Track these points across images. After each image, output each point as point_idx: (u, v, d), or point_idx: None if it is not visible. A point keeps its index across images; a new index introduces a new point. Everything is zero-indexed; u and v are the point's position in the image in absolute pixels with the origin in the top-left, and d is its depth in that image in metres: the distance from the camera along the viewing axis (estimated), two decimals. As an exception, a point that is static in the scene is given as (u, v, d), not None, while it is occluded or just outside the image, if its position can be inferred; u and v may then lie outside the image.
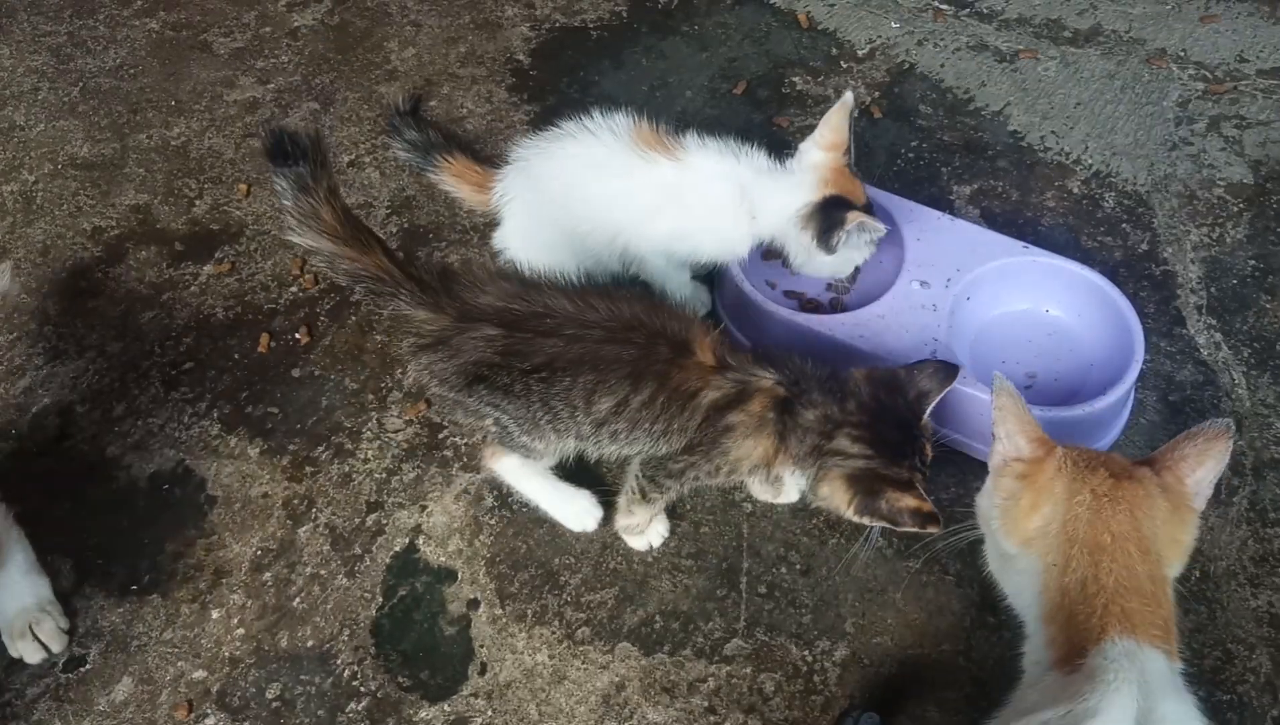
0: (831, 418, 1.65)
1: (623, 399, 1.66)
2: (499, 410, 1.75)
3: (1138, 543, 1.36)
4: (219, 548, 1.99)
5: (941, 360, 1.73)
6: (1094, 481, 1.41)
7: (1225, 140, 2.57)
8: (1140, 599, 1.33)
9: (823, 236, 1.99)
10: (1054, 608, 1.39)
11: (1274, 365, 2.16)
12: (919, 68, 2.78)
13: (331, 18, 2.94)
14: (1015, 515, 1.46)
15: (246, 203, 2.51)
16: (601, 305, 1.69)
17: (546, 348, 1.65)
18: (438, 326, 1.69)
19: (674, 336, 1.68)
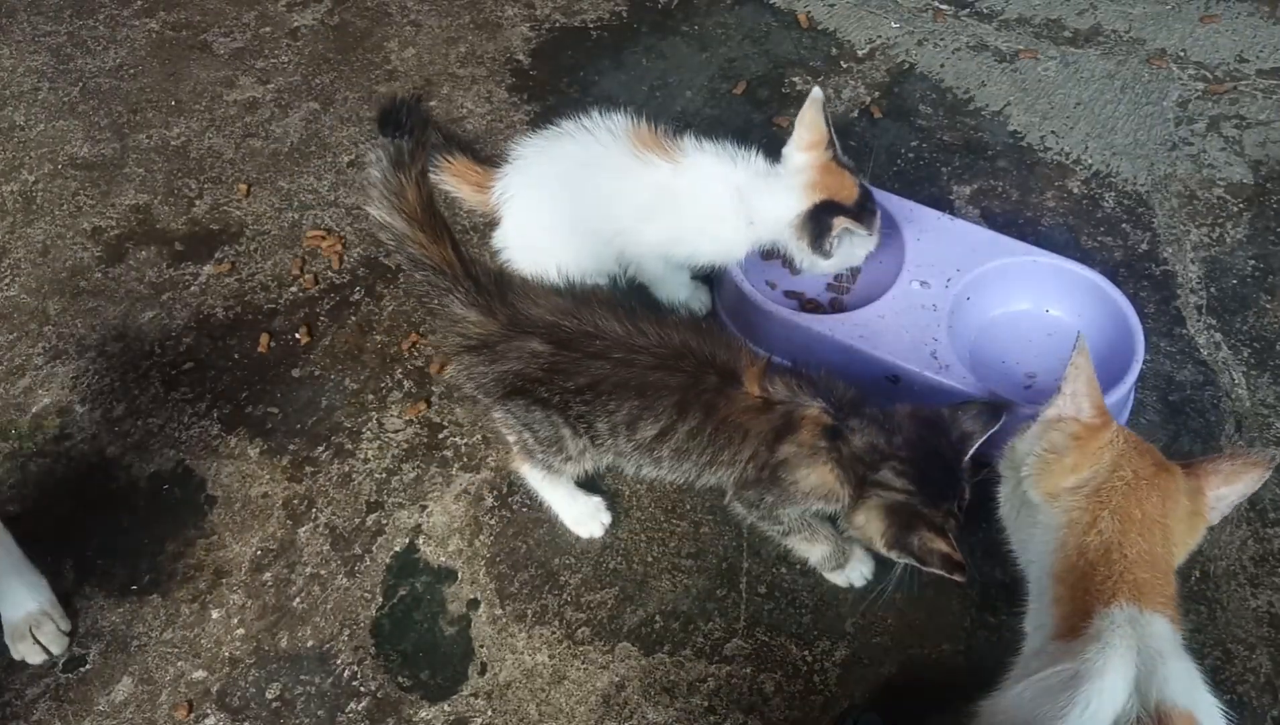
0: (878, 448, 1.63)
1: (668, 427, 1.65)
2: (529, 428, 1.74)
3: (1162, 528, 1.40)
4: (219, 548, 1.99)
5: (987, 401, 1.71)
6: (1139, 463, 1.44)
7: (1225, 140, 2.57)
8: (1154, 574, 1.36)
9: (815, 243, 1.99)
10: (1067, 566, 1.40)
11: (1274, 365, 2.16)
12: (919, 68, 2.78)
13: (331, 18, 2.94)
14: (1052, 469, 1.47)
15: (246, 203, 2.51)
16: (651, 330, 1.67)
17: (593, 369, 1.64)
18: (485, 330, 1.68)
19: (722, 366, 1.66)
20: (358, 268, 2.38)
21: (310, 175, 2.56)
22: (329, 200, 2.50)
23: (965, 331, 2.10)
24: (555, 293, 1.72)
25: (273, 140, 2.64)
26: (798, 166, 2.02)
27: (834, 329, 2.04)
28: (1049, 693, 1.27)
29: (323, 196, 2.51)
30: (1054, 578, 1.42)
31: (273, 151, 2.61)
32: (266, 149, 2.62)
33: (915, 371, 1.96)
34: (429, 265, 1.65)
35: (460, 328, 1.70)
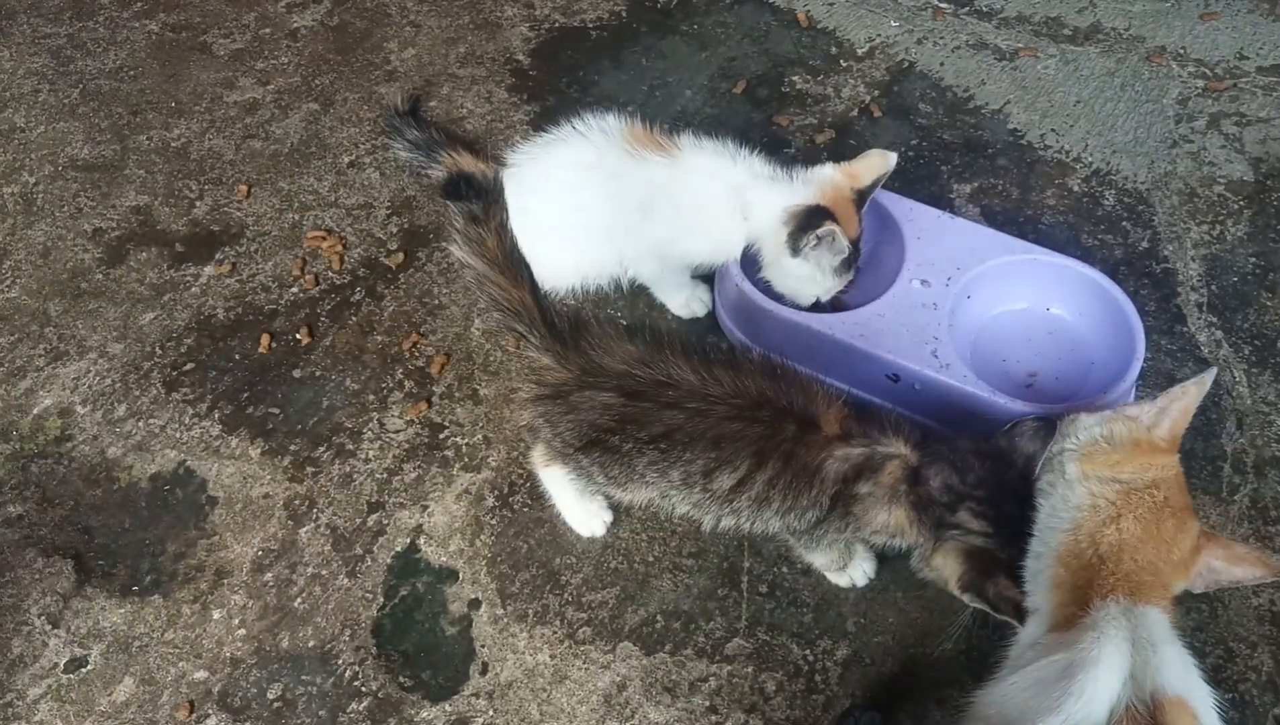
0: (954, 488, 1.60)
1: (745, 478, 1.63)
2: (608, 477, 1.73)
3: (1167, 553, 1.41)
4: (220, 548, 1.99)
5: (1038, 417, 1.67)
6: (1175, 493, 1.46)
7: (1225, 137, 2.57)
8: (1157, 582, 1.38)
9: (793, 235, 1.99)
10: (1074, 551, 1.41)
11: (1274, 363, 2.16)
12: (919, 66, 2.78)
13: (331, 19, 2.94)
14: (1098, 455, 1.49)
15: (247, 204, 2.51)
16: (726, 378, 1.65)
17: (666, 419, 1.63)
18: (559, 378, 1.67)
19: (800, 412, 1.63)
20: (358, 268, 2.38)
21: (310, 176, 2.56)
22: (329, 201, 2.50)
23: (966, 330, 2.10)
24: (629, 339, 1.70)
25: (273, 141, 2.64)
26: (823, 177, 2.03)
27: (834, 328, 2.03)
28: (1044, 684, 1.28)
29: (323, 197, 2.51)
30: (1058, 560, 1.43)
31: (273, 152, 2.62)
32: (267, 150, 2.62)
33: (916, 370, 1.95)
34: (507, 307, 1.64)
35: (535, 375, 1.70)
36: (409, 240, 2.42)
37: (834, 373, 2.05)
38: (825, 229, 1.95)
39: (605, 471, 1.71)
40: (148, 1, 3.01)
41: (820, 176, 2.02)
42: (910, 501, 1.62)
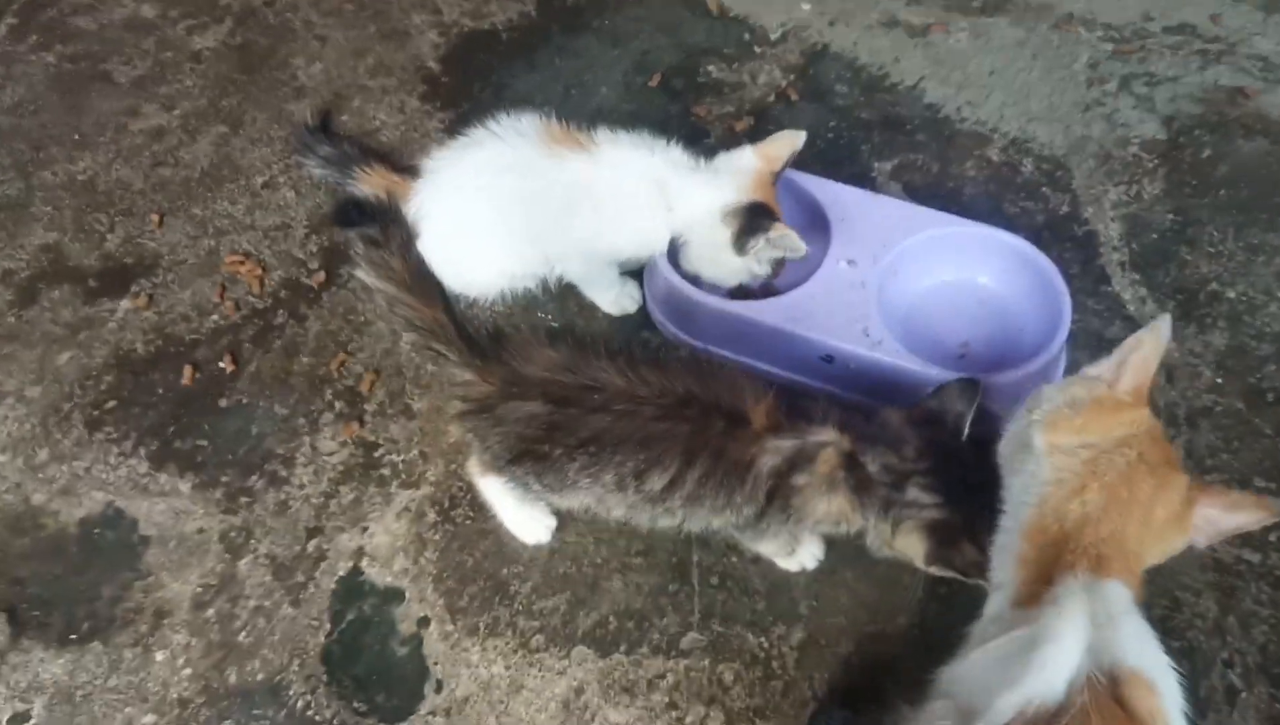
0: (894, 468, 1.61)
1: (676, 477, 1.62)
2: (543, 484, 1.71)
3: (1144, 514, 1.38)
4: (157, 588, 1.93)
5: (961, 378, 1.70)
6: (1148, 448, 1.41)
7: (1136, 98, 2.61)
8: (1120, 553, 1.35)
9: (740, 238, 1.99)
10: (1039, 526, 1.39)
11: (1199, 315, 2.19)
12: (832, 48, 2.78)
13: (233, 38, 2.88)
14: (1062, 422, 1.45)
15: (160, 233, 2.44)
16: (654, 378, 1.63)
17: (594, 423, 1.61)
18: (482, 393, 1.65)
19: (728, 408, 1.62)
20: (279, 291, 2.33)
21: (224, 200, 2.50)
22: (245, 224, 2.45)
23: (896, 306, 2.10)
24: (550, 346, 1.68)
25: (183, 167, 2.58)
26: (743, 165, 2.03)
27: (765, 313, 2.03)
28: (1007, 659, 1.28)
29: (238, 221, 2.46)
30: (1024, 536, 1.41)
31: (184, 179, 2.55)
32: (177, 176, 2.56)
33: (849, 349, 1.96)
34: (422, 327, 1.61)
35: (458, 391, 1.68)
36: (330, 258, 2.37)
37: (768, 358, 2.06)
38: (776, 233, 1.97)
39: (540, 480, 1.69)
40: (43, 34, 2.91)
41: (741, 164, 2.02)
42: (850, 487, 1.62)
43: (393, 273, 1.56)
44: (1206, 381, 2.09)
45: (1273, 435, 2.01)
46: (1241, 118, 2.55)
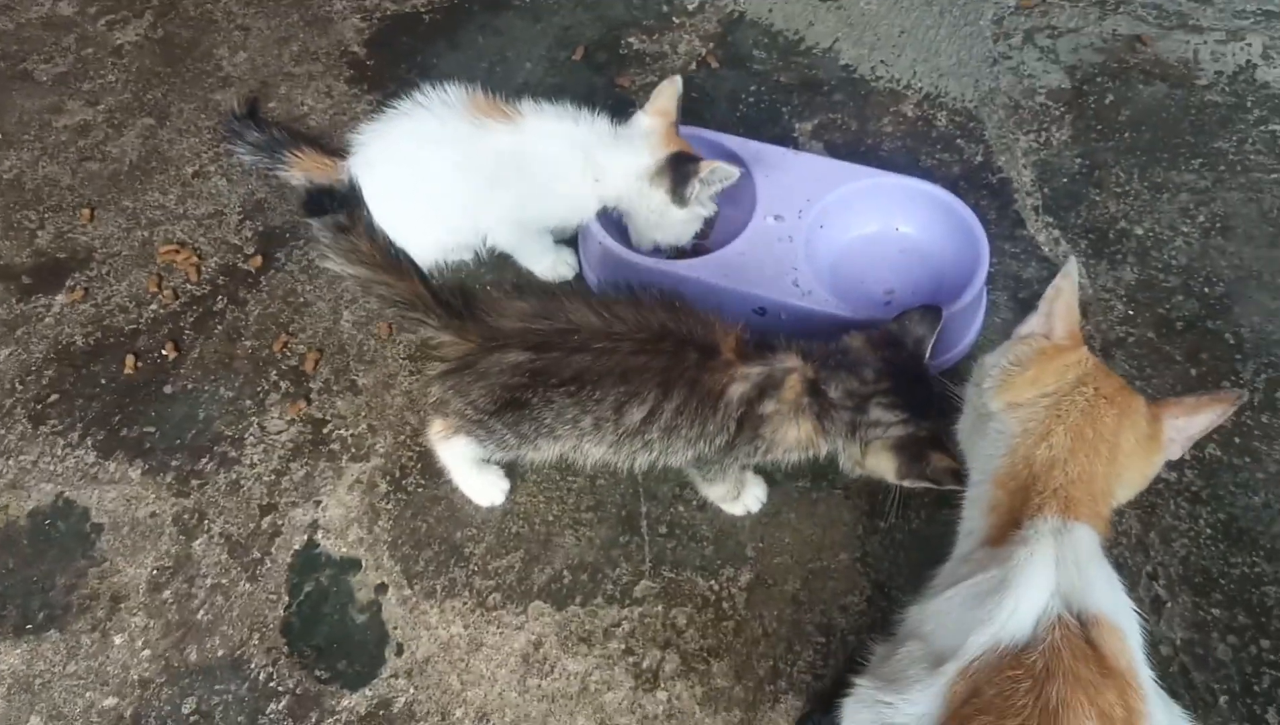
0: (855, 391, 1.69)
1: (654, 408, 1.68)
2: (519, 435, 1.75)
3: (1110, 448, 1.43)
4: (112, 574, 1.95)
5: (924, 305, 1.78)
6: (1102, 382, 1.47)
7: (1040, 50, 2.71)
8: (1089, 494, 1.40)
9: (677, 190, 2.04)
10: (1010, 473, 1.44)
11: (1109, 252, 2.29)
12: (748, 15, 2.85)
13: (155, 31, 2.87)
14: (1014, 381, 1.50)
15: (92, 227, 2.44)
16: (629, 315, 1.69)
17: (575, 363, 1.66)
18: (463, 350, 1.69)
19: (700, 341, 1.69)
20: (217, 277, 2.34)
21: (155, 191, 2.50)
22: (178, 213, 2.45)
23: (823, 257, 2.18)
24: (519, 298, 1.73)
25: (110, 161, 2.57)
26: (646, 128, 2.09)
27: (698, 271, 2.09)
28: (977, 598, 1.33)
29: (171, 211, 2.46)
30: (996, 483, 1.46)
31: (112, 172, 2.55)
32: (105, 170, 2.55)
33: (780, 301, 2.02)
34: (400, 301, 1.65)
35: (439, 352, 1.71)
36: (265, 242, 2.39)
37: (703, 312, 2.11)
38: (706, 170, 2.03)
39: (517, 430, 1.74)
40: (-43, 36, 2.89)
41: (641, 128, 2.09)
42: (814, 413, 1.70)
43: (363, 255, 1.59)
44: (1119, 314, 2.19)
45: (1183, 361, 2.12)
46: (1140, 64, 2.66)
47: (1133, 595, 1.80)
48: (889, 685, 1.37)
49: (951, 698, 1.27)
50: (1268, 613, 1.82)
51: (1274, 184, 2.39)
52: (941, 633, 1.37)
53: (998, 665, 1.26)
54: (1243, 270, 2.25)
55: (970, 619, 1.31)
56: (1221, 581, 1.86)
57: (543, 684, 1.81)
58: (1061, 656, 1.23)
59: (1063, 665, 1.23)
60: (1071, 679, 1.22)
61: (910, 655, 1.38)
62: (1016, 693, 1.23)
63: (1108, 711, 1.21)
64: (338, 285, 2.30)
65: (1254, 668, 1.77)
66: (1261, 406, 2.05)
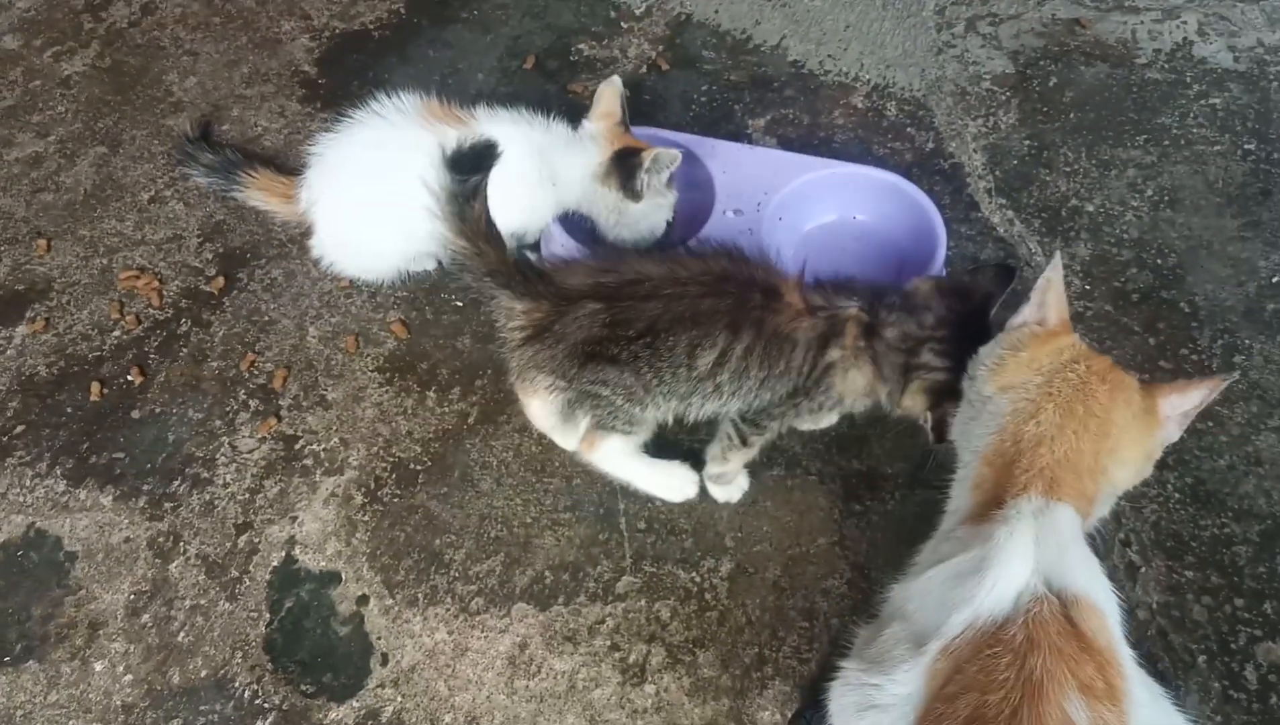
0: (912, 335, 1.70)
1: (725, 349, 1.69)
2: (608, 386, 1.75)
3: (1101, 423, 1.44)
4: (89, 601, 1.93)
5: (999, 263, 1.80)
6: (1094, 362, 1.49)
7: (983, 37, 2.77)
8: (1074, 473, 1.41)
9: (627, 185, 2.06)
10: (999, 450, 1.45)
11: (1063, 230, 2.34)
12: (695, 17, 2.88)
13: (102, 60, 2.85)
14: (1009, 365, 1.52)
15: (49, 257, 2.42)
16: (692, 263, 1.72)
17: (648, 311, 1.68)
18: (540, 314, 1.71)
19: (763, 283, 1.71)
20: (179, 300, 2.32)
21: (111, 218, 2.48)
22: (136, 239, 2.44)
23: (783, 249, 2.19)
24: (586, 259, 1.78)
25: (65, 191, 2.55)
26: (594, 131, 2.13)
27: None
28: (958, 577, 1.34)
29: (129, 237, 2.44)
30: (984, 461, 1.47)
31: (67, 202, 2.53)
32: (60, 201, 2.53)
33: (744, 292, 2.04)
34: (490, 271, 1.68)
35: (517, 321, 1.73)
36: (227, 263, 2.38)
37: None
38: (648, 159, 2.05)
39: (608, 386, 1.74)
40: (-101, 74, 2.85)
41: (589, 132, 2.13)
42: (870, 357, 1.71)
43: (471, 225, 1.63)
44: (1076, 289, 2.24)
45: (1141, 331, 2.17)
46: (1081, 46, 2.72)
47: (1107, 562, 1.86)
48: (874, 667, 1.37)
49: (934, 676, 1.29)
50: (1239, 572, 1.86)
51: (1218, 156, 2.46)
52: (924, 612, 1.38)
53: (979, 643, 1.27)
54: (1193, 240, 2.30)
55: (951, 598, 1.32)
56: (1193, 544, 1.89)
57: (530, 685, 1.81)
58: (1042, 631, 1.25)
59: (1043, 639, 1.24)
60: (1053, 652, 1.23)
61: (894, 636, 1.39)
62: (998, 667, 1.24)
63: (1089, 683, 1.23)
64: (302, 302, 2.30)
65: (1230, 626, 1.80)
66: (1220, 371, 2.09)
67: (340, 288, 2.32)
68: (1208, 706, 1.72)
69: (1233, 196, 2.38)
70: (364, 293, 2.31)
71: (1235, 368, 2.09)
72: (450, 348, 2.22)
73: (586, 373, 1.73)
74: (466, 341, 2.23)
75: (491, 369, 2.18)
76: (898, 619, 1.43)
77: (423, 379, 2.18)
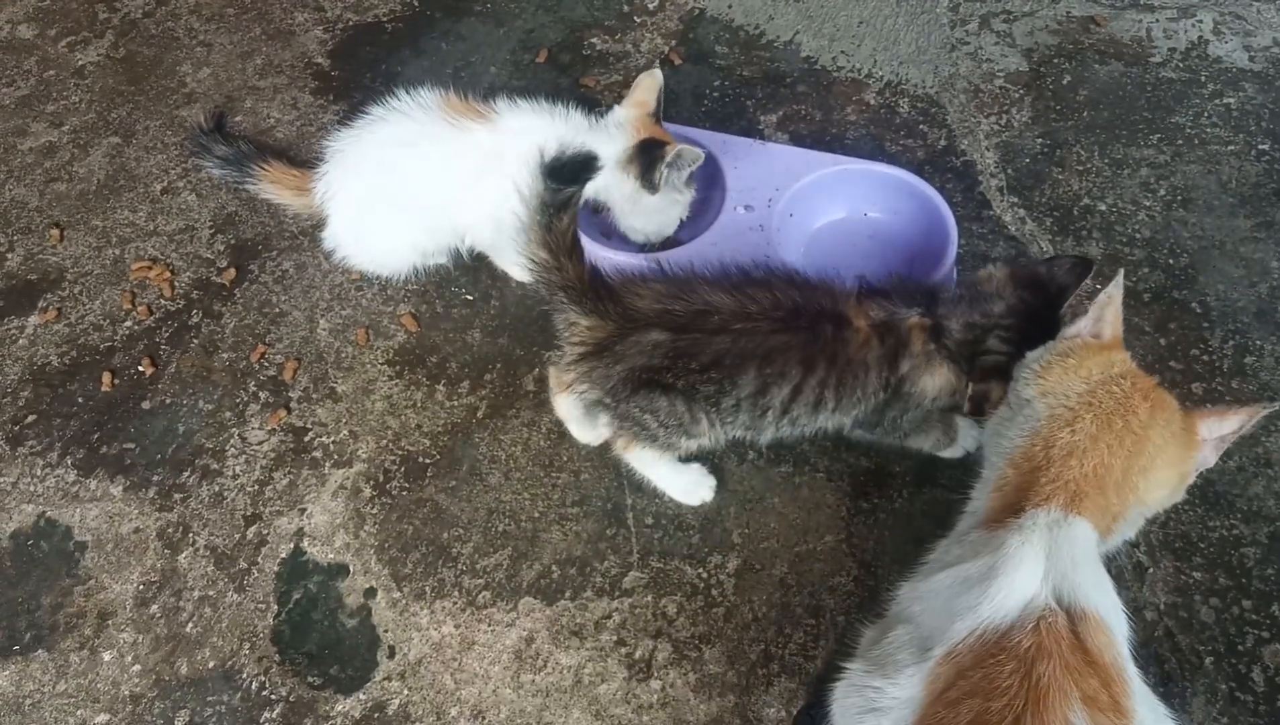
0: (977, 324, 1.69)
1: (798, 386, 1.69)
2: (656, 415, 1.74)
3: (1137, 441, 1.42)
4: (98, 591, 1.94)
5: (1077, 256, 1.78)
6: (1140, 380, 1.47)
7: (997, 35, 2.75)
8: (1099, 488, 1.39)
9: (645, 175, 2.06)
10: (1028, 454, 1.43)
11: (1074, 228, 2.33)
12: (709, 12, 2.87)
13: (116, 51, 2.86)
14: (1054, 370, 1.50)
15: (62, 247, 2.43)
16: (761, 296, 1.70)
17: (715, 346, 1.66)
18: (602, 333, 1.69)
19: (832, 312, 1.70)
20: (191, 291, 2.33)
21: (124, 209, 2.50)
22: (148, 230, 2.45)
23: (793, 245, 2.20)
24: (656, 281, 1.74)
25: (78, 181, 2.56)
26: (623, 118, 2.11)
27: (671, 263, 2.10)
28: (966, 584, 1.33)
29: (141, 228, 2.45)
30: (1011, 463, 1.45)
31: (80, 192, 2.54)
32: (73, 191, 2.54)
33: (754, 289, 2.04)
34: (567, 285, 1.68)
35: (578, 335, 1.72)
36: (238, 255, 2.39)
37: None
38: (671, 153, 2.04)
39: (654, 414, 1.74)
40: (-85, 63, 2.87)
41: (618, 119, 2.10)
42: (944, 357, 1.71)
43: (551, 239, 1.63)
44: (1087, 289, 2.22)
45: (1152, 331, 2.16)
46: (1095, 44, 2.71)
47: (1115, 565, 1.85)
48: (877, 669, 1.37)
49: (935, 681, 1.28)
50: (1248, 573, 1.85)
51: (1231, 155, 2.44)
52: (929, 616, 1.38)
53: (983, 650, 1.26)
54: (1205, 240, 2.29)
55: (958, 605, 1.32)
56: (1201, 545, 1.89)
57: (536, 679, 1.81)
58: (1047, 642, 1.24)
59: (1049, 650, 1.23)
60: (1058, 663, 1.22)
61: (899, 639, 1.39)
62: (1001, 674, 1.23)
63: (1093, 695, 1.22)
64: (313, 294, 2.31)
65: (1237, 628, 1.80)
66: (1231, 372, 2.08)
67: (351, 280, 2.33)
68: (1214, 708, 1.72)
69: (1246, 197, 2.37)
70: (374, 286, 2.32)
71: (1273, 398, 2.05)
72: (460, 341, 2.22)
73: (637, 399, 1.73)
74: (476, 335, 2.23)
75: (501, 363, 2.18)
76: (904, 621, 1.42)
77: (432, 372, 2.18)
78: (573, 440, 2.05)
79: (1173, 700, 1.72)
